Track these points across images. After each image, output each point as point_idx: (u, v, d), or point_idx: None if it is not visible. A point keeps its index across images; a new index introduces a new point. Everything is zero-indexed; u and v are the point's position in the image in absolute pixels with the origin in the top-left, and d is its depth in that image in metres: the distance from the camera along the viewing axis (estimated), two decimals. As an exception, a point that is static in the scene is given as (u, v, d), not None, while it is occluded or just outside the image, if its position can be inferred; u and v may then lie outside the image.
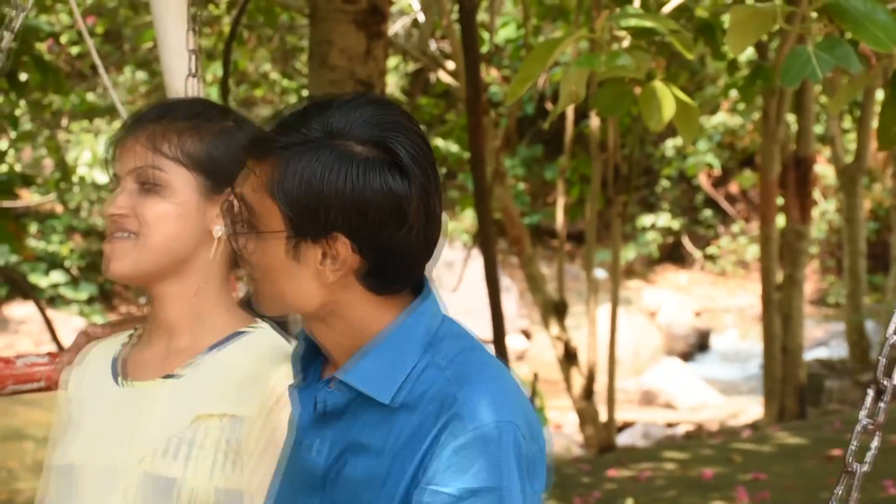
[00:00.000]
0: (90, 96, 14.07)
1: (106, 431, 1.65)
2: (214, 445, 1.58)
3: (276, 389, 1.58)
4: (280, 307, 1.45)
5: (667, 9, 4.64)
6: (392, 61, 14.09)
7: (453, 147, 11.38)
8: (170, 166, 1.62)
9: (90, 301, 16.55)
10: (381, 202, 1.38)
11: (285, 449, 1.51)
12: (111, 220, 1.62)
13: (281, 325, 1.70)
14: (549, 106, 15.10)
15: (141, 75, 14.35)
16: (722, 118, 17.10)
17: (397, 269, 1.42)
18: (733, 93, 12.23)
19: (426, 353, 1.43)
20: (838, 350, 13.62)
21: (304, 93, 12.38)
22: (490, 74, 13.31)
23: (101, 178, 15.46)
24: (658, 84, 2.74)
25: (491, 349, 1.53)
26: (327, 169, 1.38)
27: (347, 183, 1.38)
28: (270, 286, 1.44)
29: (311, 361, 1.50)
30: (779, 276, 10.02)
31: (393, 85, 14.57)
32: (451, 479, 1.36)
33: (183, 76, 2.38)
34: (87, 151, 15.40)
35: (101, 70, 2.60)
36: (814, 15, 2.48)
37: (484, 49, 9.37)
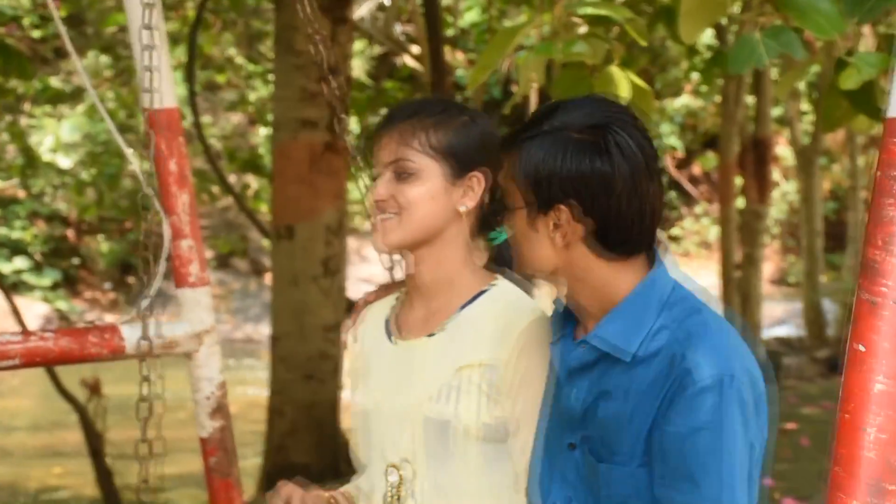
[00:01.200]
0: (53, 81, 14.00)
1: (388, 382, 2.01)
2: (477, 389, 1.92)
3: (523, 335, 1.91)
4: (528, 267, 1.83)
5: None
6: (357, 45, 14.11)
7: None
8: (419, 157, 1.96)
9: (54, 287, 16.47)
10: (590, 178, 1.72)
11: (548, 393, 1.88)
12: (376, 205, 1.97)
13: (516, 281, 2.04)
14: (515, 89, 15.18)
15: (105, 59, 14.30)
16: (685, 100, 17.25)
17: (615, 235, 1.75)
18: (696, 75, 12.37)
19: (659, 316, 1.76)
20: (798, 328, 13.83)
21: (270, 77, 12.36)
22: (456, 58, 13.38)
23: (64, 162, 15.39)
24: (614, 69, 2.85)
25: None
26: (549, 153, 1.74)
27: (564, 163, 1.73)
28: (520, 251, 1.81)
29: (566, 322, 1.86)
30: (738, 256, 10.18)
31: (358, 69, 14.58)
32: (681, 421, 1.69)
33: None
34: (50, 136, 15.32)
35: (74, 54, 2.65)
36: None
37: (449, 33, 9.43)
